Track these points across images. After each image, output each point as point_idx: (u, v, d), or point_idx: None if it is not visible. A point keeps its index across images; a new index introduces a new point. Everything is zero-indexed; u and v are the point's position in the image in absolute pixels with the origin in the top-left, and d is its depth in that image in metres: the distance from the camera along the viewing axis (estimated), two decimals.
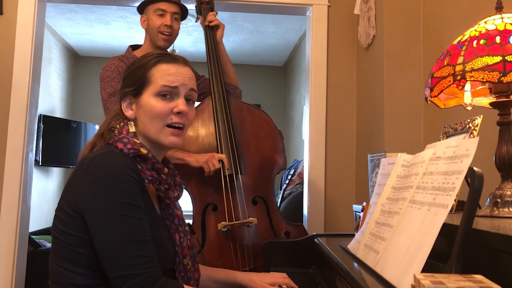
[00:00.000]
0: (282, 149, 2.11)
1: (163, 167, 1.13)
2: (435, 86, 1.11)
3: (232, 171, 1.96)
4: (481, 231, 0.77)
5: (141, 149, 1.07)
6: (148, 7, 2.11)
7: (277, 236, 2.00)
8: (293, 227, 2.04)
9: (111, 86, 2.00)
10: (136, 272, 0.96)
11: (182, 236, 1.18)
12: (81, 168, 1.04)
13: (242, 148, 2.04)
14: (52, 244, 1.07)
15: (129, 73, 1.17)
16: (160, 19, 2.08)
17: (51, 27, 5.07)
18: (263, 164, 2.06)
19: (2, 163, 2.61)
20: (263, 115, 2.14)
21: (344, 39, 2.91)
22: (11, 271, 2.57)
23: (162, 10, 2.08)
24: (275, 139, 2.11)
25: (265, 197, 2.04)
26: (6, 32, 2.69)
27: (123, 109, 1.15)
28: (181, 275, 1.15)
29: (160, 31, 2.08)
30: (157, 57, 1.15)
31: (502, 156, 1.09)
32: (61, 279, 1.03)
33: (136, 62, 1.17)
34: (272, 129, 2.12)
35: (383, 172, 1.18)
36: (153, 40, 2.10)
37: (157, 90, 1.11)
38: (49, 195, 5.20)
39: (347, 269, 0.99)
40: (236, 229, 1.92)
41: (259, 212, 2.00)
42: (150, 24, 2.10)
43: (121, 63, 2.06)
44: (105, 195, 0.99)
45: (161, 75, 1.12)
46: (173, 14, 2.10)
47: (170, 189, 1.15)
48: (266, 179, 2.06)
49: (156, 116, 1.11)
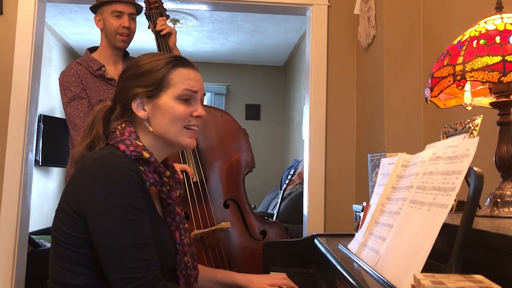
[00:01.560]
0: (248, 148, 2.09)
1: (165, 170, 1.13)
2: (435, 86, 1.11)
3: (197, 179, 1.93)
4: (481, 231, 0.77)
5: (144, 152, 1.08)
6: (103, 7, 2.07)
7: (253, 237, 1.98)
8: (268, 225, 2.03)
9: (70, 91, 1.99)
10: (136, 275, 0.96)
11: (182, 234, 1.18)
12: (82, 169, 1.04)
13: (207, 152, 2.01)
14: (52, 244, 1.07)
15: (140, 73, 1.15)
16: (117, 21, 2.05)
17: (51, 27, 5.07)
18: (230, 166, 2.04)
19: (2, 163, 2.61)
20: (226, 116, 2.11)
21: (344, 39, 2.91)
22: (11, 271, 2.57)
23: (119, 12, 2.04)
24: (240, 139, 2.09)
25: (237, 199, 2.02)
26: (6, 32, 2.69)
27: (134, 109, 1.13)
28: (183, 273, 1.16)
29: (118, 32, 2.05)
30: (174, 60, 1.16)
31: (502, 156, 1.09)
32: (61, 279, 1.03)
33: (147, 62, 1.16)
34: (236, 129, 2.09)
35: (383, 172, 1.18)
36: (111, 41, 2.07)
37: (179, 94, 1.13)
38: (49, 195, 5.20)
39: (347, 269, 0.99)
40: (209, 236, 1.91)
41: (232, 214, 1.99)
42: (107, 25, 2.06)
43: (80, 66, 2.05)
44: (107, 198, 0.99)
45: (181, 79, 1.14)
46: (130, 15, 2.08)
47: (172, 190, 1.16)
48: (235, 180, 2.04)
49: (177, 119, 1.13)
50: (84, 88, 2.00)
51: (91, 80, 2.03)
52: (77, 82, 2.00)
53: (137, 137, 1.12)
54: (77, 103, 1.98)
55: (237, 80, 6.41)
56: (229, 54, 5.96)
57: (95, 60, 2.07)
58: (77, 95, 1.98)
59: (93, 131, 1.15)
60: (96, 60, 2.07)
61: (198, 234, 1.87)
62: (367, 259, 0.98)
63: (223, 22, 4.85)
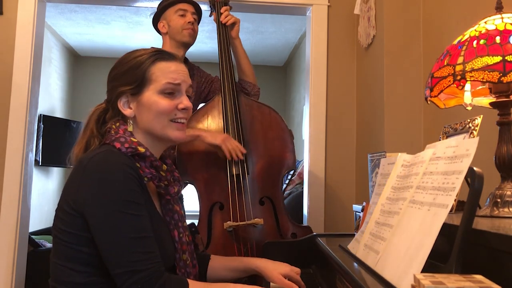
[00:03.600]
0: (291, 149, 2.08)
1: (162, 164, 1.14)
2: (435, 86, 1.11)
3: (239, 171, 1.94)
4: (481, 231, 0.77)
5: (139, 147, 1.09)
6: (167, 11, 2.16)
7: (283, 238, 1.97)
8: (300, 229, 2.02)
9: None
10: (139, 268, 0.97)
11: (181, 232, 1.18)
12: (80, 168, 1.05)
13: (251, 147, 2.02)
14: (53, 244, 1.07)
15: (123, 71, 1.16)
16: (182, 18, 2.14)
17: (51, 27, 5.07)
18: (271, 164, 2.04)
19: (2, 163, 2.61)
20: (274, 114, 2.11)
21: (344, 39, 2.91)
22: (11, 271, 2.57)
23: (183, 10, 2.15)
24: (284, 138, 2.08)
25: (273, 198, 2.01)
26: (6, 32, 2.69)
27: (120, 108, 1.15)
28: (182, 271, 1.16)
29: (184, 28, 2.13)
30: (154, 54, 1.16)
31: (502, 156, 1.09)
32: (63, 277, 1.03)
33: (129, 60, 1.16)
34: (282, 128, 2.09)
35: (383, 172, 1.18)
36: (177, 38, 2.14)
37: (161, 88, 1.13)
38: (49, 195, 5.20)
39: (347, 269, 0.99)
40: (241, 229, 1.91)
41: (266, 212, 1.98)
42: (172, 25, 2.14)
43: None
44: (105, 194, 1.00)
45: (162, 73, 1.13)
46: (192, 14, 2.17)
47: (170, 185, 1.16)
48: (274, 179, 2.04)
49: (162, 113, 1.12)
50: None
51: None
52: None
53: (131, 134, 1.13)
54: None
55: None
56: None
57: None
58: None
59: (88, 131, 1.16)
60: None
61: (232, 226, 1.88)
62: (367, 259, 0.98)
63: None
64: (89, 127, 1.17)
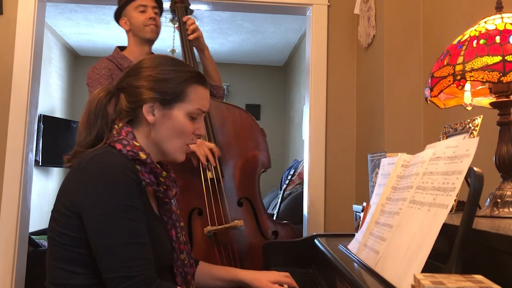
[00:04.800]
0: (265, 147, 2.07)
1: (161, 170, 1.13)
2: (435, 86, 1.11)
3: (213, 175, 1.93)
4: (481, 231, 0.77)
5: (140, 153, 1.08)
6: (127, 7, 2.10)
7: (265, 237, 1.97)
8: (280, 226, 2.02)
9: (100, 83, 1.97)
10: (130, 274, 0.96)
11: (179, 232, 1.18)
12: (78, 169, 1.04)
13: (224, 150, 2.00)
14: (49, 246, 1.06)
15: (161, 78, 1.12)
16: (143, 14, 2.08)
17: (51, 27, 5.07)
18: (246, 165, 2.03)
19: (2, 163, 2.61)
20: (244, 114, 2.10)
21: (344, 39, 2.91)
22: (11, 271, 2.57)
23: (143, 6, 2.08)
24: (257, 138, 2.07)
25: (251, 198, 2.01)
26: (6, 32, 2.69)
27: (144, 112, 1.11)
28: (179, 270, 1.16)
29: (146, 24, 2.07)
30: (196, 76, 1.16)
31: (502, 156, 1.09)
32: (59, 279, 1.02)
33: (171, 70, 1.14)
34: (253, 128, 2.07)
35: (383, 172, 1.18)
36: (140, 35, 2.09)
37: (191, 111, 1.14)
38: (49, 195, 5.20)
39: (347, 269, 0.99)
40: (222, 233, 1.90)
41: (245, 213, 1.98)
42: (133, 22, 2.09)
43: (110, 62, 2.05)
44: (102, 196, 0.99)
45: (197, 98, 1.15)
46: (153, 8, 2.10)
47: (168, 189, 1.16)
48: (250, 179, 2.03)
49: (183, 134, 1.14)
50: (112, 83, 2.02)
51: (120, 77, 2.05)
52: (107, 76, 2.00)
53: (134, 137, 1.11)
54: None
55: (237, 80, 6.41)
56: (229, 54, 5.96)
57: (125, 58, 2.08)
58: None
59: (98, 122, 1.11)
60: (126, 58, 2.08)
61: (211, 231, 1.87)
62: (367, 259, 0.98)
63: (223, 22, 4.85)
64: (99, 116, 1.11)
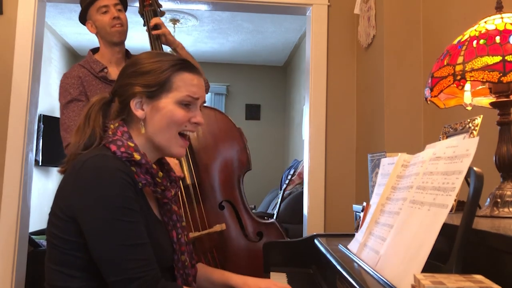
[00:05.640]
0: (242, 147, 2.02)
1: (157, 171, 1.11)
2: (435, 86, 1.11)
3: (189, 181, 1.89)
4: (481, 231, 0.77)
5: (135, 154, 1.06)
6: (89, 10, 2.05)
7: (249, 238, 1.95)
8: (264, 226, 1.98)
9: (69, 94, 1.96)
10: (134, 276, 0.96)
11: (179, 233, 1.17)
12: (72, 172, 1.03)
13: (201, 153, 1.96)
14: (47, 248, 1.06)
15: (144, 71, 1.12)
16: (106, 15, 2.02)
17: (51, 27, 5.07)
18: (224, 167, 1.99)
19: (2, 163, 2.61)
20: (220, 115, 2.05)
21: (344, 39, 2.91)
22: (11, 271, 2.57)
23: (104, 7, 2.02)
24: (234, 138, 2.02)
25: (232, 200, 1.97)
26: (6, 32, 2.69)
27: (132, 107, 1.11)
28: (180, 272, 1.15)
29: (111, 25, 2.02)
30: (180, 63, 1.14)
31: (502, 156, 1.09)
32: (57, 282, 1.02)
33: (152, 61, 1.13)
34: (231, 128, 2.03)
35: (383, 172, 1.18)
36: (108, 38, 2.04)
37: (180, 99, 1.11)
38: (49, 195, 5.20)
39: (347, 269, 0.99)
40: (205, 238, 1.87)
41: (228, 216, 1.95)
42: (98, 24, 2.04)
43: (82, 69, 2.03)
44: (98, 200, 0.98)
45: (185, 84, 1.12)
46: (115, 6, 2.04)
47: (166, 190, 1.14)
48: (230, 181, 1.98)
49: (174, 123, 1.11)
50: (83, 91, 1.97)
51: (93, 82, 2.00)
52: (77, 85, 1.97)
53: (129, 137, 1.10)
54: (74, 106, 1.94)
55: (237, 80, 6.41)
56: (229, 54, 5.96)
57: (98, 62, 2.05)
58: (75, 98, 1.95)
59: (90, 123, 1.12)
60: (99, 62, 2.05)
61: (194, 237, 1.84)
62: (367, 259, 0.98)
63: (223, 22, 4.85)
64: (91, 119, 1.13)
